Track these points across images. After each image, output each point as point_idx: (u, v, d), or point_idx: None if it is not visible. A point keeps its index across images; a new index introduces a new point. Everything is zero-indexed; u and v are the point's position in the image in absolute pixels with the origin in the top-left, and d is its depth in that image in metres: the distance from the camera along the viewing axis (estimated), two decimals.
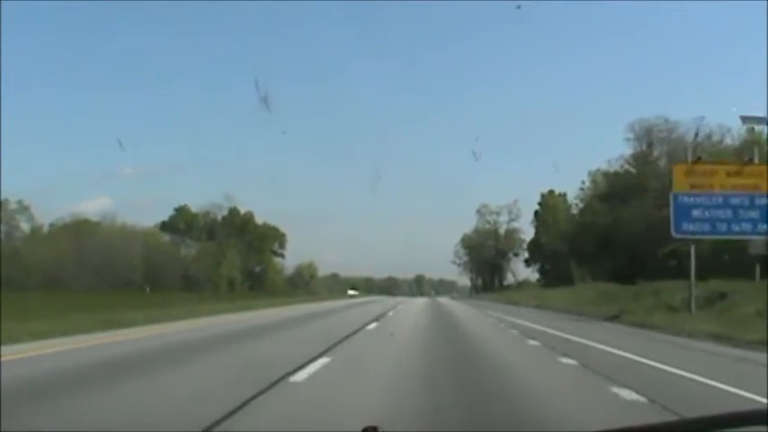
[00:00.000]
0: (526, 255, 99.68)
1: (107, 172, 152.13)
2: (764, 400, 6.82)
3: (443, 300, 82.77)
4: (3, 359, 9.47)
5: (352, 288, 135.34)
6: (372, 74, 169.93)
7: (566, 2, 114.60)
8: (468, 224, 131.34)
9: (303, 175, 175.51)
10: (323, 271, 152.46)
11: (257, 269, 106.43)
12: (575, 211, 78.91)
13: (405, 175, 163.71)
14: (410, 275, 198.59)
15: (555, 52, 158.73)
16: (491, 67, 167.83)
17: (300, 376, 8.43)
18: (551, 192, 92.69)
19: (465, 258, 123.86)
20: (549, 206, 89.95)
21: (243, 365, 9.90)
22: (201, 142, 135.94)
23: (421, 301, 59.38)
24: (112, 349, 12.16)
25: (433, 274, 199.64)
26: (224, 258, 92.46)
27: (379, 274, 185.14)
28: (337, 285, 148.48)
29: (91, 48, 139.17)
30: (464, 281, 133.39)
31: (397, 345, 14.23)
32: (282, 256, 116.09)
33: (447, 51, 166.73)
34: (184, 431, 5.38)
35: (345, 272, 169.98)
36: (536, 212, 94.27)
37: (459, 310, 39.45)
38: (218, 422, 5.51)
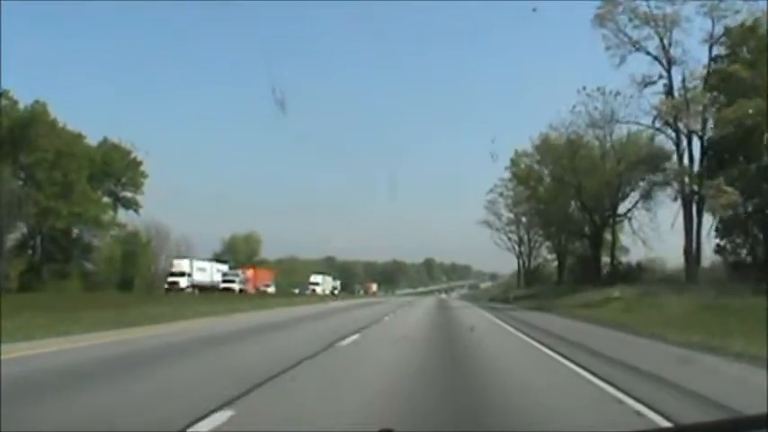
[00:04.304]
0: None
1: None
2: None
3: (471, 313, 29.84)
4: None
5: (219, 261, 71.01)
6: (383, 73, 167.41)
7: None
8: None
9: (307, 165, 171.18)
10: (321, 255, 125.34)
11: (78, 232, 52.94)
12: None
13: (414, 160, 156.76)
14: (418, 259, 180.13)
15: None
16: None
17: None
18: (747, 26, 33.31)
19: (508, 215, 58.75)
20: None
21: None
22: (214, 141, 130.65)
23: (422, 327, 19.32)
24: None
25: (444, 257, 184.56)
26: None
27: (383, 257, 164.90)
28: (332, 273, 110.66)
29: (106, 49, 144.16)
30: (493, 261, 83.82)
31: None
32: (136, 207, 59.28)
33: (461, 54, 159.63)
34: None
35: (345, 255, 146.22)
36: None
37: None
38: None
